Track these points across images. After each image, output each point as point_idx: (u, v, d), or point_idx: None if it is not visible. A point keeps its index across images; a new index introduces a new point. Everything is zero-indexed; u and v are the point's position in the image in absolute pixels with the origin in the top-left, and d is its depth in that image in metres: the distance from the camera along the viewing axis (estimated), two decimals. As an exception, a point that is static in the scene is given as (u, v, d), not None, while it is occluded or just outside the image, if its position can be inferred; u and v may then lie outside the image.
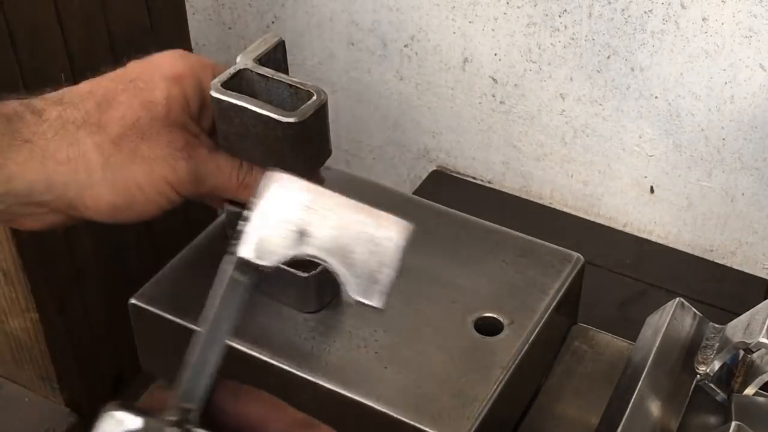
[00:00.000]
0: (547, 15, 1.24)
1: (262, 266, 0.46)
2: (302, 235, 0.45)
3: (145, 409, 0.44)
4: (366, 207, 0.46)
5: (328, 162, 0.75)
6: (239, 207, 0.74)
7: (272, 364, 0.74)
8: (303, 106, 0.68)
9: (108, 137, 0.64)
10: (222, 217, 0.87)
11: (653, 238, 1.36)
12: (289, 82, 0.69)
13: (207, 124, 0.70)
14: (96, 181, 0.63)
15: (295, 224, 0.45)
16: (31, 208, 0.64)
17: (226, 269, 0.46)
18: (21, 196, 0.62)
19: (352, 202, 0.46)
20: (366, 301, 0.45)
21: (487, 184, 1.44)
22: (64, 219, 0.66)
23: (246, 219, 0.46)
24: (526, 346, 0.77)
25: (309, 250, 0.45)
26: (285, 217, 0.45)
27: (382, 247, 0.46)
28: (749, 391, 0.74)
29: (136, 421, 0.43)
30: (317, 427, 0.47)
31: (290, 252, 0.45)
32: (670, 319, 0.78)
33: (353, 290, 0.45)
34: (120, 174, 0.64)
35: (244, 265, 0.46)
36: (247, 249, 0.45)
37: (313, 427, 0.47)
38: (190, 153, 0.66)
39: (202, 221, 0.89)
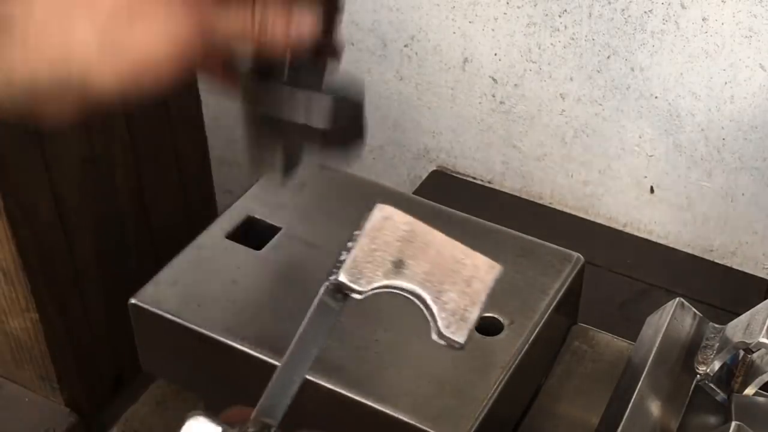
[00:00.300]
0: (547, 15, 1.24)
1: (356, 291, 0.47)
2: (398, 266, 0.47)
3: (226, 420, 0.45)
4: (460, 245, 0.48)
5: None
6: (263, 78, 0.66)
7: (272, 364, 0.74)
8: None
9: (102, 9, 0.61)
10: (224, 216, 0.88)
11: (653, 238, 1.36)
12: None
13: None
14: (95, 58, 0.60)
15: (393, 255, 0.47)
16: (41, 102, 0.61)
17: (320, 292, 0.48)
18: (26, 92, 0.60)
19: (448, 239, 0.48)
20: (451, 336, 0.47)
21: (487, 184, 1.44)
22: (78, 106, 0.62)
23: (347, 248, 0.48)
24: (526, 346, 0.77)
25: (403, 280, 0.47)
26: (384, 246, 0.47)
27: (472, 286, 0.48)
28: (749, 391, 0.74)
29: (216, 430, 0.45)
30: None
31: (385, 281, 0.47)
32: (670, 319, 0.78)
33: (441, 324, 0.47)
34: (118, 44, 0.60)
35: (337, 291, 0.48)
36: (343, 274, 0.47)
37: None
38: (194, 3, 0.61)
39: (203, 220, 0.89)
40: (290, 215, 0.89)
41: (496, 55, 1.31)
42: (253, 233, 0.87)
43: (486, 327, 0.78)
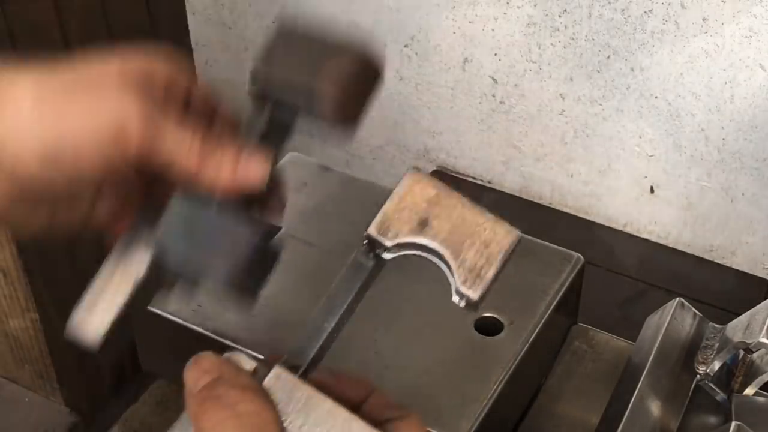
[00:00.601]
0: (547, 15, 1.24)
1: (384, 246, 0.51)
2: (423, 224, 0.52)
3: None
4: (482, 211, 0.52)
5: (329, 162, 0.75)
6: (187, 202, 0.57)
7: (272, 364, 0.74)
8: None
9: (53, 77, 0.55)
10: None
11: (653, 238, 1.36)
12: None
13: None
14: (23, 122, 0.54)
15: (419, 213, 0.52)
16: None
17: (354, 253, 0.53)
18: None
19: (472, 205, 0.52)
20: (467, 292, 0.51)
21: (487, 184, 1.44)
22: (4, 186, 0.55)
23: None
24: (526, 346, 0.77)
25: (427, 238, 0.51)
26: (411, 206, 0.52)
27: (490, 248, 0.52)
28: (749, 391, 0.74)
29: (251, 364, 0.50)
30: (407, 412, 0.52)
31: (410, 237, 0.51)
32: (670, 319, 0.78)
33: (458, 279, 0.51)
34: (52, 113, 0.54)
35: (368, 250, 0.52)
36: (373, 227, 0.51)
37: (401, 410, 0.52)
38: (145, 105, 0.54)
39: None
40: (290, 215, 0.88)
41: (496, 55, 1.31)
42: (253, 233, 0.87)
43: (486, 327, 0.78)
